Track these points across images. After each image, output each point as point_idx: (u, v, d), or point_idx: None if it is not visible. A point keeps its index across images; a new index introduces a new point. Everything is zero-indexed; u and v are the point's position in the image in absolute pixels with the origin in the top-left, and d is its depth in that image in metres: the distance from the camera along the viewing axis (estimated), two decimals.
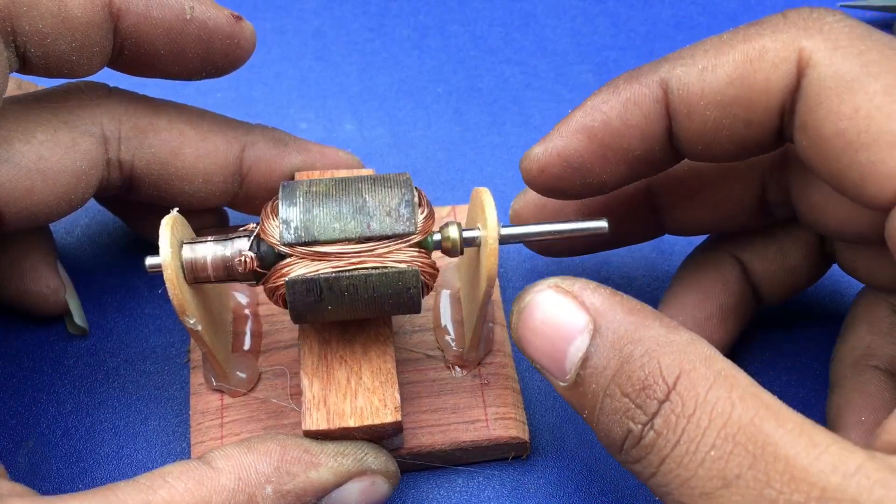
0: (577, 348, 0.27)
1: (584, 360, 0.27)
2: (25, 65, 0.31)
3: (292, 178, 0.37)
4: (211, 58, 0.34)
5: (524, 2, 0.50)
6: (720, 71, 0.28)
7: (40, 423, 0.36)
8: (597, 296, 0.27)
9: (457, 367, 0.36)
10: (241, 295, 0.37)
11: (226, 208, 0.40)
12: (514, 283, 0.41)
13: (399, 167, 0.45)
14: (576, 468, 0.36)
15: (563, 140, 0.31)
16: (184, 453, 0.36)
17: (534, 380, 0.38)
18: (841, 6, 0.50)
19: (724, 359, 0.26)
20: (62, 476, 0.35)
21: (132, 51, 0.32)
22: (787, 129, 0.29)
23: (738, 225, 0.36)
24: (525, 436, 0.35)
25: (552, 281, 0.28)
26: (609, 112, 0.30)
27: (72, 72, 0.32)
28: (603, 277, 0.41)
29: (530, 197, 0.36)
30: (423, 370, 0.36)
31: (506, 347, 0.37)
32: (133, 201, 0.37)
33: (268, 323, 0.37)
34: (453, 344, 0.36)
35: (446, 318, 0.36)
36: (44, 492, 0.35)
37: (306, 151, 0.37)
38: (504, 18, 0.50)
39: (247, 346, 0.36)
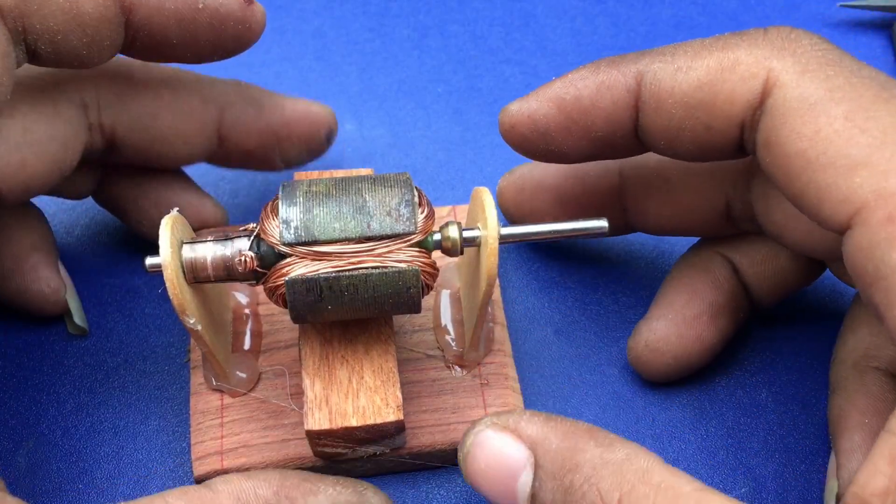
0: (524, 483, 0.28)
1: (533, 495, 0.28)
2: (34, 59, 0.31)
3: (270, 137, 0.38)
4: (222, 42, 0.34)
5: (524, 2, 0.50)
6: (693, 74, 0.29)
7: (40, 423, 0.36)
8: (532, 426, 0.28)
9: (457, 367, 0.36)
10: (240, 295, 0.37)
11: (224, 207, 0.40)
12: (515, 283, 0.41)
13: (399, 167, 0.45)
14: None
15: (536, 104, 0.32)
16: (184, 453, 0.36)
17: (534, 380, 0.38)
18: (841, 6, 0.50)
19: (664, 468, 0.26)
20: (62, 476, 0.35)
21: (144, 41, 0.32)
22: (747, 142, 0.30)
23: (705, 232, 0.37)
24: None
25: (488, 420, 0.29)
26: (582, 89, 0.32)
27: (81, 64, 0.32)
28: (602, 279, 0.41)
29: (513, 178, 0.38)
30: (423, 370, 0.36)
31: (506, 347, 0.37)
32: (131, 197, 0.38)
33: (268, 323, 0.37)
34: (453, 344, 0.36)
35: (446, 318, 0.36)
36: (44, 492, 0.35)
37: (281, 109, 0.38)
38: (504, 18, 0.50)
39: (247, 345, 0.36)
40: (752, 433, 0.37)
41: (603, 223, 0.32)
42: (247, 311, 0.37)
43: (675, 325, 0.36)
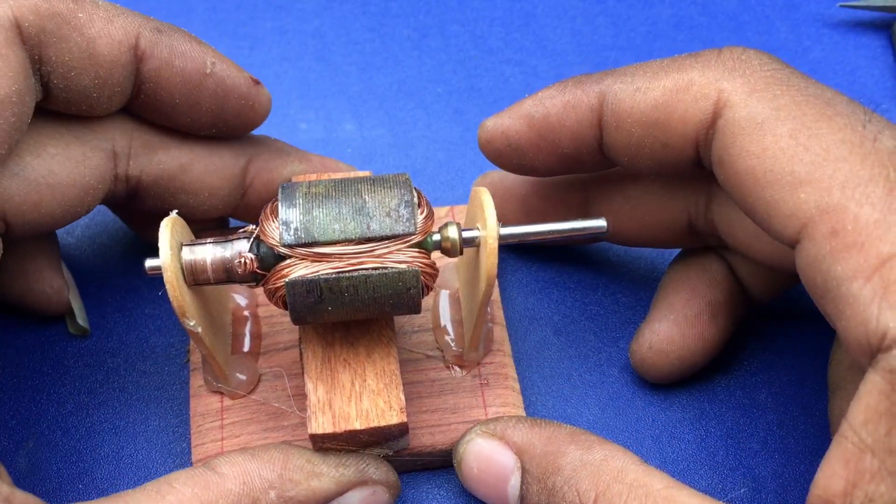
0: (513, 487, 0.30)
1: (522, 497, 0.30)
2: (47, 96, 0.31)
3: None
4: (224, 116, 0.34)
5: (524, 2, 0.50)
6: (650, 94, 0.31)
7: (40, 423, 0.36)
8: (517, 432, 0.31)
9: (456, 367, 0.36)
10: (240, 297, 0.37)
11: None
12: (514, 283, 0.41)
13: (399, 167, 0.45)
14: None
15: (509, 121, 0.34)
16: (184, 453, 0.36)
17: (534, 380, 0.38)
18: (841, 6, 0.50)
19: (638, 467, 0.28)
20: (62, 476, 0.35)
21: (149, 95, 0.33)
22: (704, 159, 0.31)
23: (671, 245, 0.38)
24: None
25: (478, 428, 0.32)
26: (550, 108, 0.33)
27: (90, 109, 0.32)
28: (602, 279, 0.41)
29: (484, 182, 0.40)
30: (423, 370, 0.36)
31: (505, 347, 0.37)
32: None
33: (267, 324, 0.37)
34: (453, 344, 0.36)
35: (446, 319, 0.36)
36: (44, 492, 0.35)
37: (307, 161, 0.38)
38: (504, 18, 0.50)
39: (246, 347, 0.36)
40: (752, 433, 0.37)
41: (602, 223, 0.33)
42: (246, 312, 0.37)
43: (677, 325, 0.36)
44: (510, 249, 0.42)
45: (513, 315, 0.40)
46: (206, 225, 0.38)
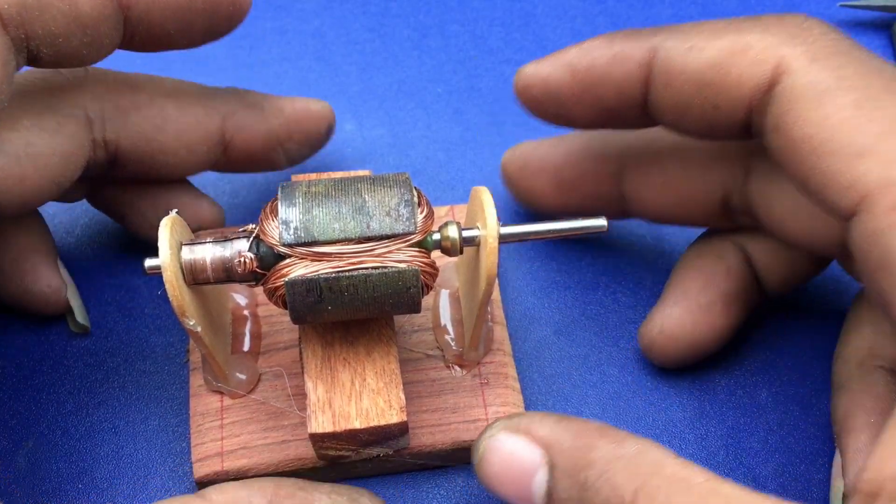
0: (539, 483, 0.28)
1: (549, 493, 0.28)
2: (36, 62, 0.31)
3: (273, 139, 0.38)
4: (216, 26, 0.34)
5: (524, 2, 0.50)
6: (705, 54, 0.30)
7: (40, 423, 0.36)
8: (544, 426, 0.28)
9: (457, 367, 0.36)
10: (239, 296, 0.37)
11: (222, 207, 0.40)
12: (514, 283, 0.41)
13: (399, 167, 0.45)
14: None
15: (551, 68, 0.34)
16: (183, 453, 0.36)
17: (534, 380, 0.38)
18: (841, 6, 0.50)
19: (676, 461, 0.26)
20: (62, 476, 0.35)
21: (143, 35, 0.32)
22: (755, 125, 0.30)
23: (702, 223, 0.37)
24: None
25: (501, 424, 0.29)
26: (597, 59, 0.32)
27: (81, 62, 0.32)
28: (602, 279, 0.41)
29: (515, 154, 0.39)
30: (423, 370, 0.36)
31: (505, 346, 0.37)
32: (127, 200, 0.38)
33: (267, 324, 0.37)
34: (453, 343, 0.36)
35: (446, 318, 0.36)
36: (44, 491, 0.35)
37: (280, 111, 0.38)
38: (504, 18, 0.50)
39: (246, 347, 0.36)
40: (752, 433, 0.37)
41: (602, 221, 0.32)
42: (245, 312, 0.37)
43: (689, 311, 0.36)
44: (511, 249, 0.42)
45: (513, 315, 0.40)
46: (204, 222, 0.39)
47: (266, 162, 0.39)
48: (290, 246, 0.29)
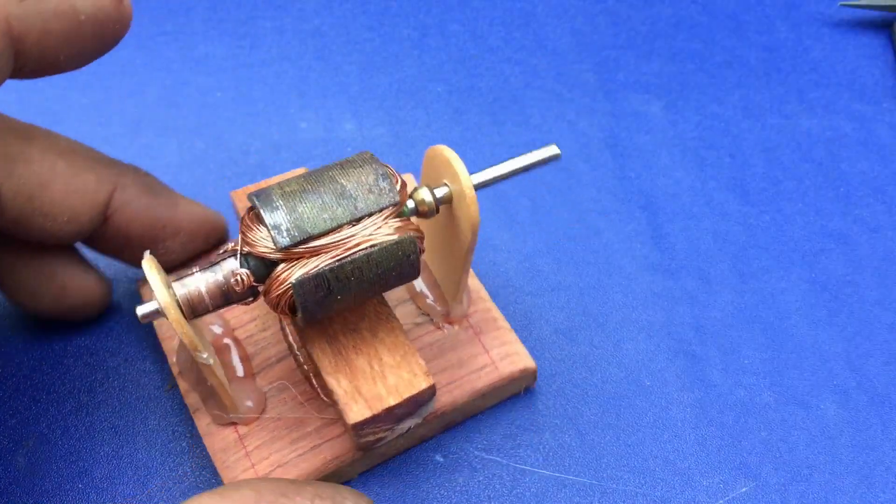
0: None
1: None
2: None
3: (156, 229, 0.36)
4: (103, 46, 0.32)
5: (524, 2, 0.50)
6: None
7: (40, 423, 0.36)
8: None
9: (447, 325, 0.37)
10: (214, 326, 0.36)
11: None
12: (514, 283, 0.41)
13: (399, 167, 0.45)
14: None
15: None
16: (183, 453, 0.36)
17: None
18: (841, 6, 0.50)
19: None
20: (62, 476, 0.35)
21: (33, 65, 0.31)
22: None
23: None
24: (532, 364, 0.36)
25: None
26: None
27: None
28: (602, 279, 0.41)
29: None
30: (417, 338, 0.37)
31: (482, 293, 0.38)
32: (5, 259, 0.36)
33: (249, 344, 0.37)
34: (437, 305, 0.37)
35: (420, 285, 0.37)
36: (43, 491, 0.35)
37: (174, 205, 0.37)
38: (504, 18, 0.50)
39: (240, 372, 0.35)
40: (752, 433, 0.37)
41: (555, 149, 0.33)
42: (225, 340, 0.36)
43: None
44: (510, 249, 0.42)
45: (513, 315, 0.40)
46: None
47: (141, 252, 0.35)
48: (286, 248, 0.29)
